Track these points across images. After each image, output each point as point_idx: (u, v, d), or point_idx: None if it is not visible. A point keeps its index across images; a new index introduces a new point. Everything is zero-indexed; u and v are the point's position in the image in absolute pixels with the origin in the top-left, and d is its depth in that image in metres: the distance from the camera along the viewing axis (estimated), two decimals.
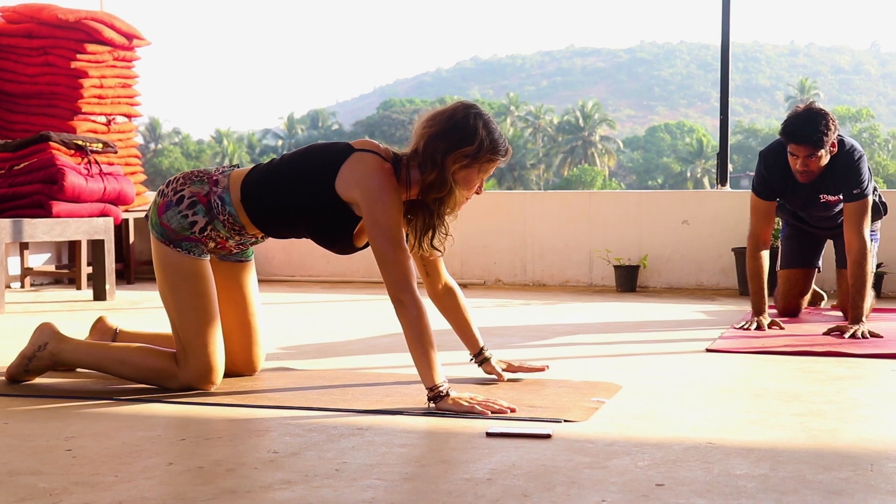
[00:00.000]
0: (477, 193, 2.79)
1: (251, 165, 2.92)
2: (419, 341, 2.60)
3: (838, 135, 4.29)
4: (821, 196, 4.43)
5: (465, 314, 3.06)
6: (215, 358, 2.84)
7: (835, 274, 4.86)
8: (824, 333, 4.11)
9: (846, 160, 4.32)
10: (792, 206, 4.62)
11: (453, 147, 2.67)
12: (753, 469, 2.01)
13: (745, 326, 4.26)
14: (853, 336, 3.97)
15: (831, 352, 3.61)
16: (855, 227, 4.25)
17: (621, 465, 2.04)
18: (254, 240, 2.95)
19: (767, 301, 4.41)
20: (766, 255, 4.42)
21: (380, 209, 2.64)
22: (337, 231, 2.78)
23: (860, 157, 4.33)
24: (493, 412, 2.50)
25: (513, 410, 2.52)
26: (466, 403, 2.54)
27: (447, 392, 2.57)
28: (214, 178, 2.84)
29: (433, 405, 2.57)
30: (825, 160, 4.25)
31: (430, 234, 2.78)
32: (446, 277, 3.04)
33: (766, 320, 4.28)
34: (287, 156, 2.88)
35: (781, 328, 4.24)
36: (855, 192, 4.28)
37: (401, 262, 2.63)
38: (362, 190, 2.66)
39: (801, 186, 4.39)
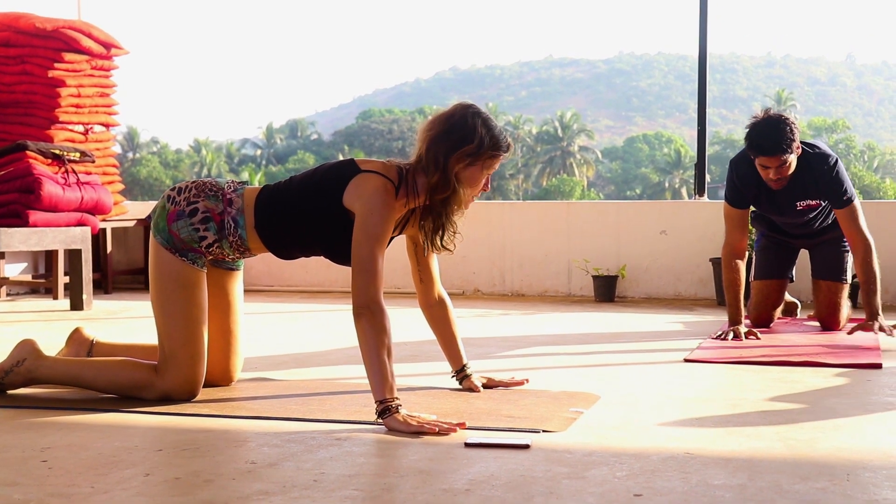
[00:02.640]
0: (484, 190, 2.82)
1: (261, 186, 2.93)
2: (377, 350, 2.56)
3: (803, 140, 4.36)
4: (797, 203, 4.46)
5: (453, 328, 3.07)
6: (198, 370, 2.84)
7: (809, 284, 4.89)
8: (849, 333, 4.30)
9: (822, 168, 4.35)
10: (768, 213, 4.65)
11: (454, 147, 2.71)
12: (731, 479, 2.02)
13: (722, 336, 4.28)
14: (881, 330, 4.18)
15: (808, 362, 3.63)
16: (853, 227, 4.36)
17: (599, 475, 2.05)
18: (250, 255, 2.96)
19: (744, 311, 4.44)
20: (741, 265, 4.45)
21: (374, 220, 2.66)
22: (349, 244, 2.76)
23: (835, 163, 4.38)
24: (440, 432, 2.43)
25: (462, 426, 2.47)
26: (415, 423, 2.46)
27: (397, 408, 2.51)
28: (228, 196, 2.85)
29: (380, 420, 2.51)
30: (794, 162, 4.29)
31: (439, 233, 2.82)
32: (440, 288, 3.06)
33: (742, 330, 4.31)
34: (297, 177, 2.91)
35: (758, 338, 4.27)
36: (844, 198, 4.36)
37: (377, 272, 2.63)
38: (362, 202, 2.69)
39: (776, 194, 4.42)
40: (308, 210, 2.80)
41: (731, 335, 4.28)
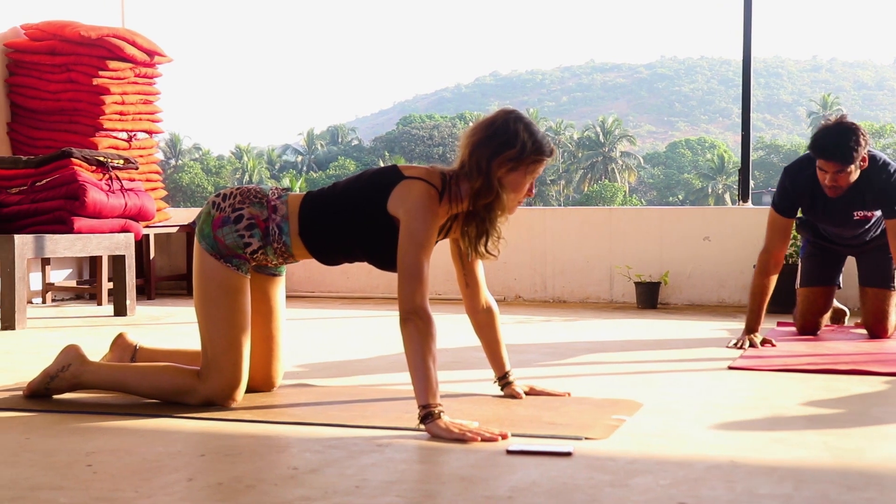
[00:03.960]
0: (528, 195, 2.82)
1: (303, 192, 2.94)
2: (423, 355, 2.55)
3: (869, 149, 4.27)
4: (855, 213, 4.39)
5: (498, 335, 3.07)
6: (241, 375, 2.85)
7: (857, 291, 4.81)
8: None
9: (882, 177, 4.28)
10: (822, 222, 4.57)
11: (497, 152, 2.71)
12: (777, 488, 1.99)
13: (739, 345, 4.24)
14: None
15: (855, 370, 3.57)
16: None
17: (643, 483, 2.03)
18: (294, 261, 2.98)
19: (763, 321, 4.40)
20: (775, 273, 4.41)
21: (418, 225, 2.66)
22: (393, 249, 2.76)
23: (891, 172, 4.30)
24: (483, 440, 2.41)
25: (504, 437, 2.44)
26: (457, 430, 2.45)
27: (440, 414, 2.50)
28: (273, 203, 2.86)
29: (422, 426, 2.49)
30: (855, 175, 4.22)
31: (483, 238, 2.81)
32: (486, 294, 3.05)
33: (757, 338, 4.27)
34: (340, 183, 2.92)
35: (773, 345, 4.23)
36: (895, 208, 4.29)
37: (423, 278, 2.63)
38: (406, 209, 2.69)
39: (833, 203, 4.34)
40: (352, 216, 2.81)
41: (746, 343, 4.25)
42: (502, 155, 2.71)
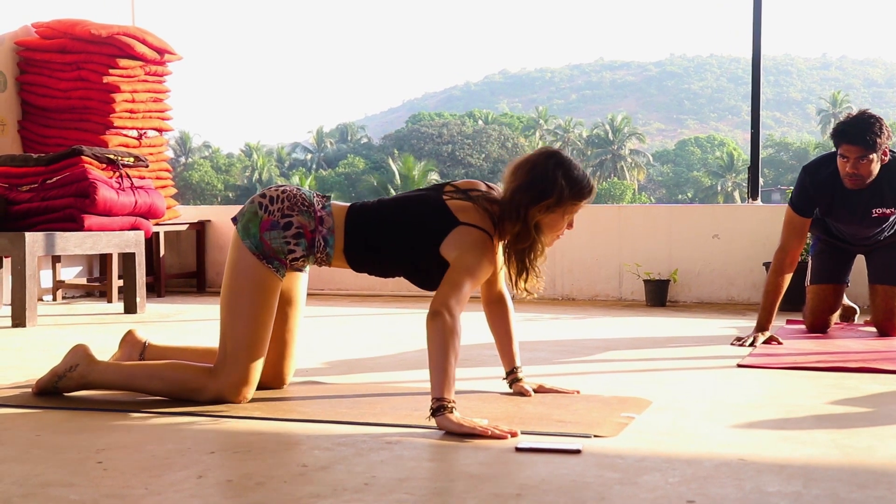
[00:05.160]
0: (568, 229, 2.91)
1: (346, 205, 2.96)
2: (446, 349, 2.56)
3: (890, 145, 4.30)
4: (874, 210, 4.39)
5: (510, 328, 3.09)
6: (255, 373, 2.87)
7: (867, 289, 4.80)
8: None
9: None
10: (840, 221, 4.56)
11: (535, 200, 2.76)
12: (786, 486, 1.99)
13: (747, 343, 4.24)
14: None
15: (865, 368, 3.57)
16: None
17: (652, 481, 2.03)
18: (302, 272, 3.04)
19: (774, 320, 4.40)
20: (790, 272, 4.41)
21: (473, 261, 2.72)
22: (437, 278, 2.80)
23: None
24: (493, 436, 2.42)
25: (514, 435, 2.45)
26: (468, 425, 2.46)
27: (451, 409, 2.51)
28: (319, 214, 2.88)
29: (433, 419, 2.51)
30: (876, 166, 4.23)
31: (524, 276, 2.88)
32: (502, 286, 3.08)
33: (761, 338, 4.27)
34: (387, 206, 2.93)
35: (780, 343, 4.23)
36: None
37: (464, 294, 2.66)
38: (463, 251, 2.74)
39: (853, 201, 4.35)
40: (402, 251, 2.85)
41: (750, 340, 4.25)
42: (540, 203, 2.76)
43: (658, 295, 6.38)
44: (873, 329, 4.74)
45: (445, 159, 66.44)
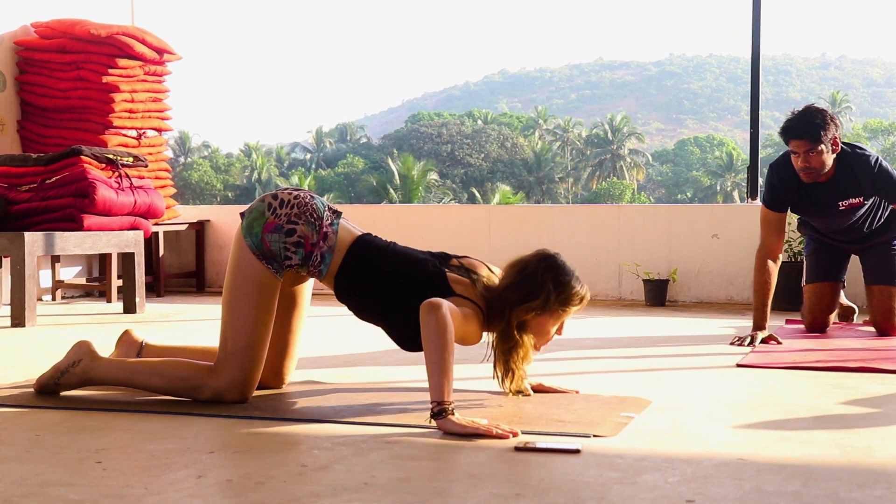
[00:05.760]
0: (558, 334, 2.86)
1: (357, 232, 2.95)
2: (443, 350, 2.54)
3: (858, 145, 4.35)
4: (840, 203, 4.42)
5: None
6: (255, 373, 2.87)
7: (864, 290, 4.80)
8: None
9: (864, 167, 4.37)
10: (810, 216, 4.63)
11: (521, 301, 2.75)
12: (785, 486, 1.99)
13: (745, 343, 4.25)
14: None
15: (864, 367, 3.57)
16: None
17: (651, 480, 2.03)
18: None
19: (769, 316, 4.41)
20: (775, 269, 4.42)
21: (461, 318, 2.68)
22: (414, 337, 2.79)
23: (878, 160, 4.39)
24: (494, 436, 2.42)
25: (514, 434, 2.44)
26: (470, 426, 2.46)
27: (452, 411, 2.51)
28: (325, 230, 2.88)
29: (434, 421, 2.50)
30: (828, 157, 4.30)
31: (510, 376, 2.88)
32: None
33: (761, 335, 4.27)
34: (394, 254, 2.91)
35: (779, 343, 4.23)
36: None
37: (452, 316, 2.62)
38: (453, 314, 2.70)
39: (816, 194, 4.40)
40: (390, 302, 2.85)
41: (748, 340, 4.26)
42: (524, 304, 2.75)
43: (657, 295, 6.38)
44: (872, 329, 4.75)
45: (445, 159, 66.45)
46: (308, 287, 3.10)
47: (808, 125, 4.24)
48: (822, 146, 4.25)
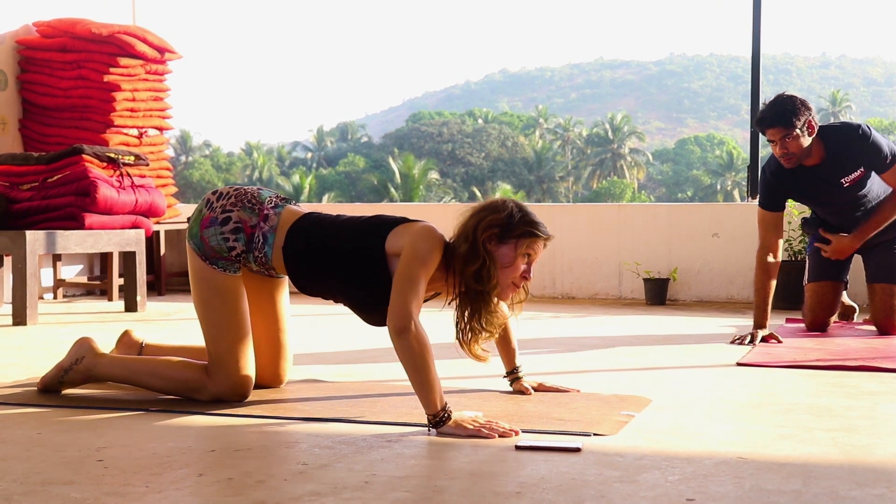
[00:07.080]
0: (525, 278, 2.70)
1: (303, 211, 2.90)
2: (425, 366, 2.49)
3: (814, 116, 4.38)
4: (843, 180, 4.43)
5: (509, 330, 3.05)
6: (246, 372, 2.86)
7: (866, 288, 4.80)
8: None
9: (852, 137, 4.39)
10: (816, 202, 4.64)
11: (483, 219, 2.65)
12: (785, 484, 1.99)
13: (746, 341, 4.26)
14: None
15: (864, 366, 3.57)
16: None
17: (651, 479, 2.03)
18: (276, 275, 2.95)
19: (770, 315, 4.43)
20: (775, 267, 4.44)
21: (422, 245, 2.61)
22: (371, 295, 2.73)
23: (863, 130, 4.40)
24: (498, 435, 2.42)
25: (516, 433, 2.44)
26: (471, 426, 2.45)
27: (449, 415, 2.48)
28: (266, 212, 2.84)
29: (434, 431, 2.48)
30: (805, 140, 4.33)
31: (476, 317, 2.70)
32: None
33: (761, 334, 4.28)
34: (344, 216, 2.88)
35: (779, 341, 4.23)
36: (887, 161, 4.40)
37: (420, 292, 2.56)
38: (411, 238, 2.64)
39: (818, 178, 4.43)
40: (343, 246, 2.75)
41: (748, 339, 4.27)
42: (487, 219, 2.64)
43: (658, 293, 6.38)
44: (873, 327, 4.75)
45: (445, 158, 66.42)
46: (284, 286, 3.06)
47: (780, 112, 4.29)
48: (797, 131, 4.30)
